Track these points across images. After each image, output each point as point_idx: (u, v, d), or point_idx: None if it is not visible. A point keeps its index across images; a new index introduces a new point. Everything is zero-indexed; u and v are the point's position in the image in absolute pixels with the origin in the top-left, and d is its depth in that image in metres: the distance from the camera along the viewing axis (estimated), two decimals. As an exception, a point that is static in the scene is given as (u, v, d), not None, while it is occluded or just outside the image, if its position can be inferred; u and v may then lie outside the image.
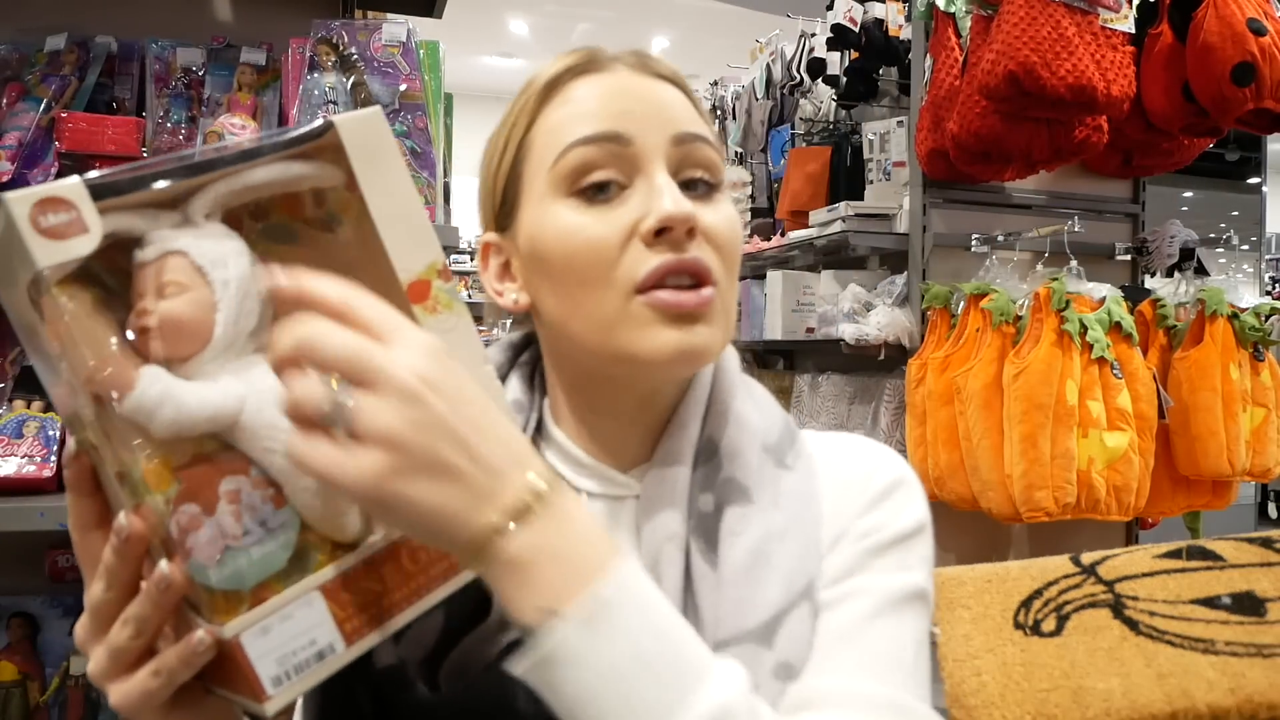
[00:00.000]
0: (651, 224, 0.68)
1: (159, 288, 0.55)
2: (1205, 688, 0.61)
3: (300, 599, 0.55)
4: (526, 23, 8.32)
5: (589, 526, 0.56)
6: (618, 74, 0.74)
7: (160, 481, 0.54)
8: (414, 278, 0.59)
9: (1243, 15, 2.07)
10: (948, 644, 0.70)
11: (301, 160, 0.59)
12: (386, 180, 0.60)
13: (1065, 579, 0.72)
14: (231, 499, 0.55)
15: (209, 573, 0.54)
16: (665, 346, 0.68)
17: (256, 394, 0.56)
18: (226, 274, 0.56)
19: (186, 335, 0.56)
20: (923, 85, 2.40)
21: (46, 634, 1.52)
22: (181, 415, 0.54)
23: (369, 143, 0.60)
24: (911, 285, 2.47)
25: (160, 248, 0.56)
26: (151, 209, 0.57)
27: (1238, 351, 2.26)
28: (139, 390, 0.53)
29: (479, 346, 0.61)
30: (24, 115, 1.48)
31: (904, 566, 0.72)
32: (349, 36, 1.58)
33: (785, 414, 0.81)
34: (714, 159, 0.74)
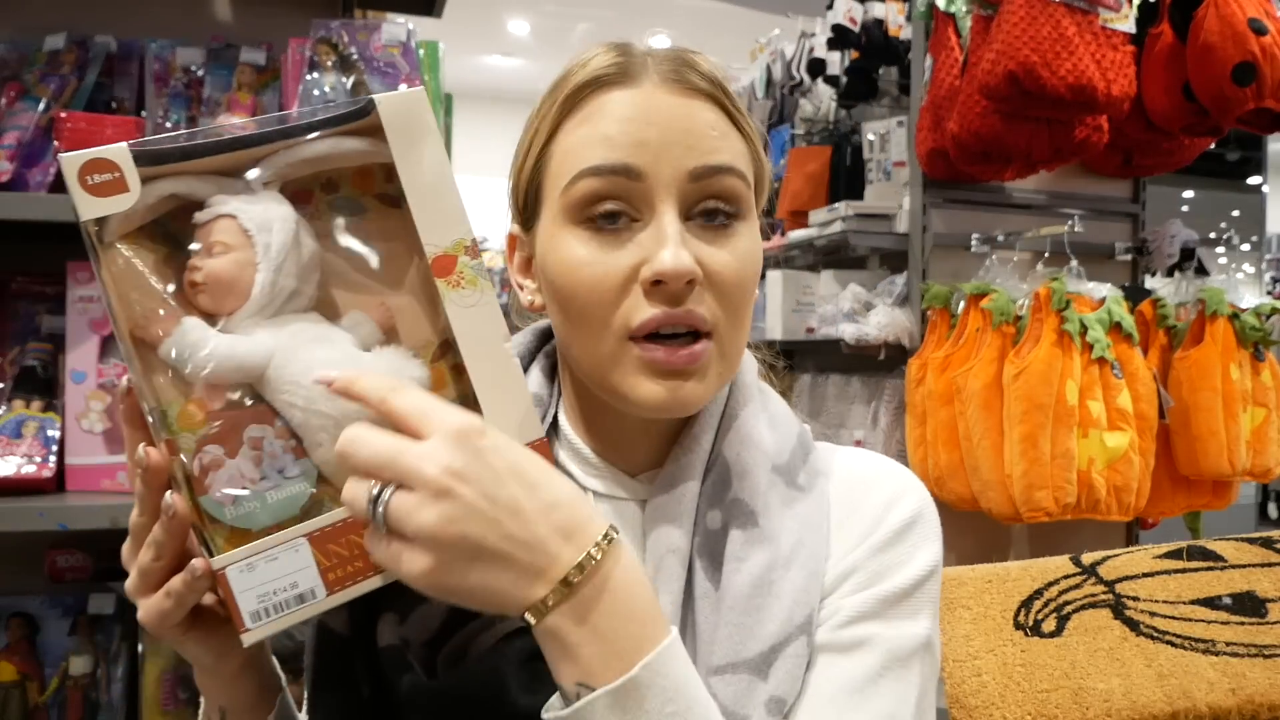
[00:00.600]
0: (648, 275, 0.67)
1: (209, 247, 0.62)
2: (1206, 688, 0.61)
3: (287, 543, 0.59)
4: (526, 23, 8.32)
5: (634, 597, 0.58)
6: (645, 91, 0.71)
7: (192, 422, 0.61)
8: (440, 252, 0.63)
9: (1244, 15, 2.07)
10: (948, 644, 0.70)
11: (354, 136, 0.64)
12: (422, 158, 0.63)
13: (1065, 579, 0.72)
14: (254, 445, 0.61)
15: (224, 510, 0.60)
16: (650, 398, 0.69)
17: (285, 350, 0.62)
18: (270, 238, 0.62)
19: (228, 291, 0.62)
20: (923, 85, 2.40)
21: (46, 634, 1.52)
22: (213, 362, 0.60)
23: (408, 122, 0.63)
24: (911, 285, 2.47)
25: (214, 211, 0.62)
26: (216, 176, 0.63)
27: (1238, 351, 2.26)
28: (175, 336, 0.60)
29: (500, 324, 0.64)
30: (23, 115, 1.47)
31: (914, 614, 0.71)
32: (349, 36, 1.57)
33: (801, 426, 0.80)
34: (736, 189, 0.71)
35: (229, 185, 0.63)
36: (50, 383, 1.42)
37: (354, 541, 0.60)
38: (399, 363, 0.64)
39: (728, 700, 0.65)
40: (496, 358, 0.63)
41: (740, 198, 0.72)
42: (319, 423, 0.61)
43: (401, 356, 0.64)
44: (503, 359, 0.64)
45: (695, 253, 0.68)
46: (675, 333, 0.68)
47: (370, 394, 0.58)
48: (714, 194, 0.70)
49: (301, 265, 0.63)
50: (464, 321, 0.63)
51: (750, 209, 0.74)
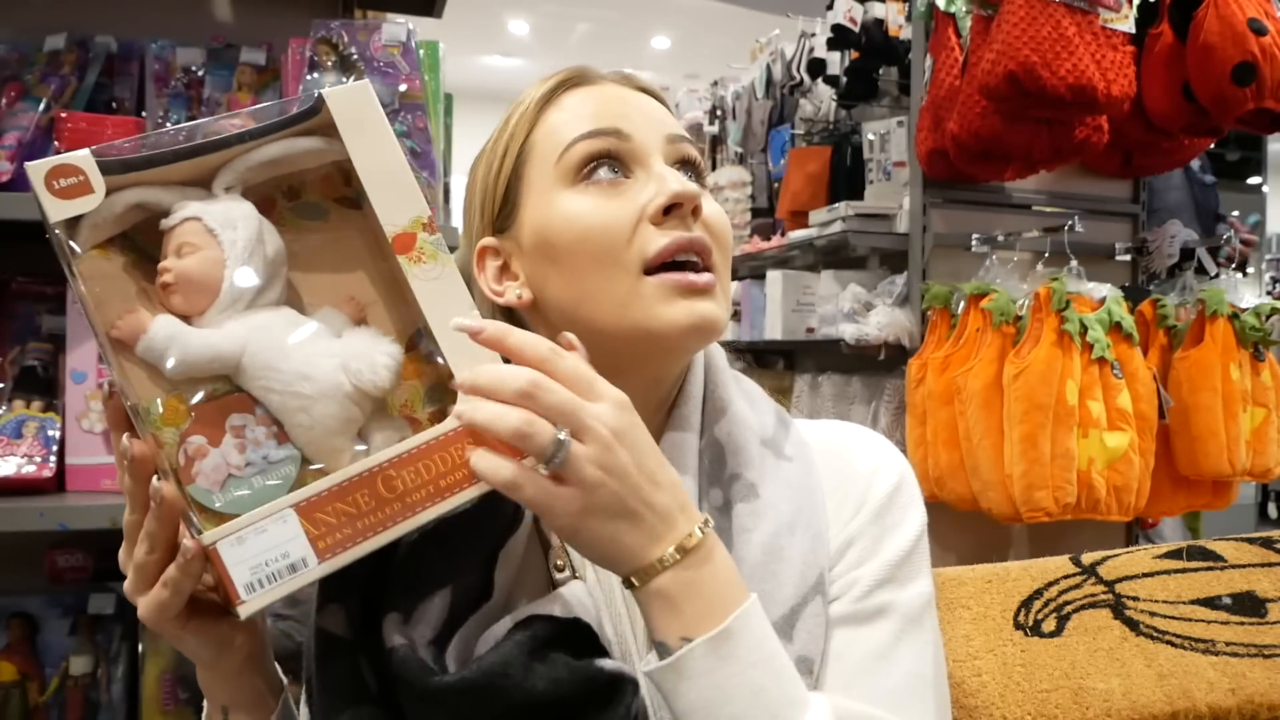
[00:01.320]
0: (661, 201, 0.72)
1: (177, 248, 0.64)
2: (1206, 688, 0.61)
3: (275, 515, 0.61)
4: (527, 23, 8.32)
5: (725, 566, 0.65)
6: (605, 86, 0.79)
7: (174, 416, 0.62)
8: (399, 230, 0.65)
9: (1243, 15, 2.07)
10: (948, 644, 0.70)
11: (309, 135, 0.67)
12: (373, 145, 0.66)
13: (1065, 579, 0.72)
14: (237, 433, 0.63)
15: (213, 497, 0.61)
16: (679, 318, 0.72)
17: (258, 338, 0.64)
18: (235, 235, 0.64)
19: (198, 289, 0.64)
20: (923, 85, 2.40)
21: (46, 634, 1.52)
22: (188, 355, 0.62)
23: (357, 112, 0.65)
24: (911, 285, 2.47)
25: (179, 215, 0.64)
26: (179, 185, 0.65)
27: (1238, 351, 2.26)
28: (150, 334, 0.62)
29: (464, 293, 0.66)
30: (23, 115, 1.47)
31: (917, 573, 0.77)
32: (349, 36, 1.57)
33: (775, 404, 0.85)
34: (700, 160, 0.80)
35: (191, 194, 0.65)
36: (50, 383, 1.42)
37: (340, 509, 0.61)
38: (372, 341, 0.66)
39: None
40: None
41: (703, 170, 0.80)
42: (296, 404, 0.63)
43: (374, 335, 0.67)
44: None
45: None
46: (687, 260, 0.73)
47: (528, 351, 0.62)
48: (687, 157, 0.78)
49: (268, 260, 0.65)
50: (429, 294, 0.65)
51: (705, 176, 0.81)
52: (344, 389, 0.63)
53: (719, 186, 3.71)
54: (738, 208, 3.62)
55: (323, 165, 0.69)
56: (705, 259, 0.74)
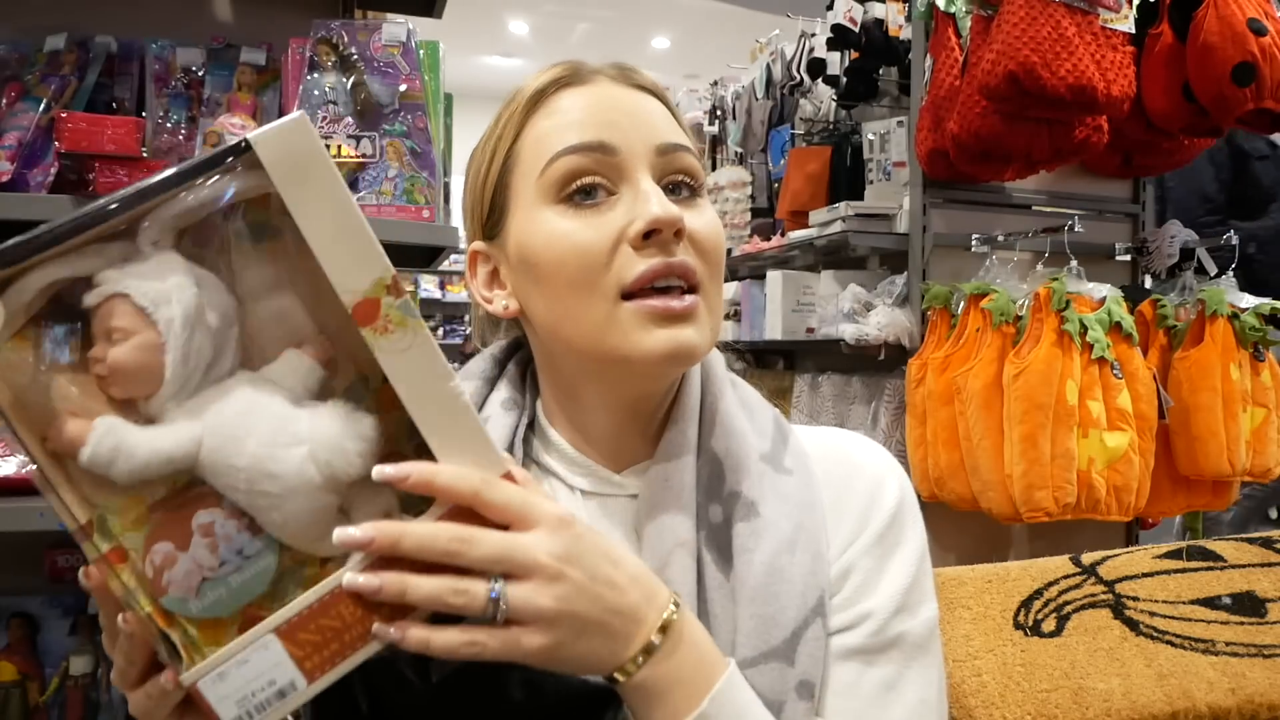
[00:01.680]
0: (640, 226, 0.69)
1: (107, 333, 0.56)
2: (1206, 688, 0.61)
3: (255, 643, 0.56)
4: (526, 23, 8.32)
5: (698, 643, 0.65)
6: (600, 85, 0.76)
7: (135, 522, 0.56)
8: (359, 298, 0.56)
9: (1243, 15, 2.07)
10: (948, 644, 0.70)
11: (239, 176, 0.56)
12: (318, 195, 0.56)
13: (1065, 579, 0.72)
14: (205, 532, 0.57)
15: (188, 604, 0.56)
16: (655, 347, 0.70)
17: (213, 432, 0.56)
18: (171, 312, 0.55)
19: (138, 380, 0.56)
20: (923, 85, 2.40)
21: (46, 634, 1.52)
22: (136, 463, 0.55)
23: (293, 157, 0.55)
24: (911, 285, 2.46)
25: (103, 292, 0.56)
26: (97, 244, 0.56)
27: (1238, 352, 2.26)
28: (91, 446, 0.55)
29: (440, 362, 0.59)
30: (23, 115, 1.47)
31: (926, 595, 0.76)
32: (349, 36, 1.57)
33: (774, 412, 0.82)
34: (695, 166, 0.76)
35: (112, 252, 0.56)
36: (50, 383, 1.42)
37: (324, 626, 0.57)
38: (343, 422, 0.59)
39: (764, 689, 0.68)
40: (442, 399, 0.58)
41: (699, 174, 0.76)
42: (265, 503, 0.57)
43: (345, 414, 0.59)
44: (449, 399, 0.59)
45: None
46: (668, 284, 0.70)
47: (460, 490, 0.59)
48: (678, 168, 0.74)
49: (213, 331, 0.57)
50: (400, 368, 0.57)
51: (705, 190, 0.77)
52: (313, 482, 0.57)
53: (719, 186, 3.71)
54: (738, 208, 3.62)
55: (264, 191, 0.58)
56: (689, 280, 0.71)
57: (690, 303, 0.70)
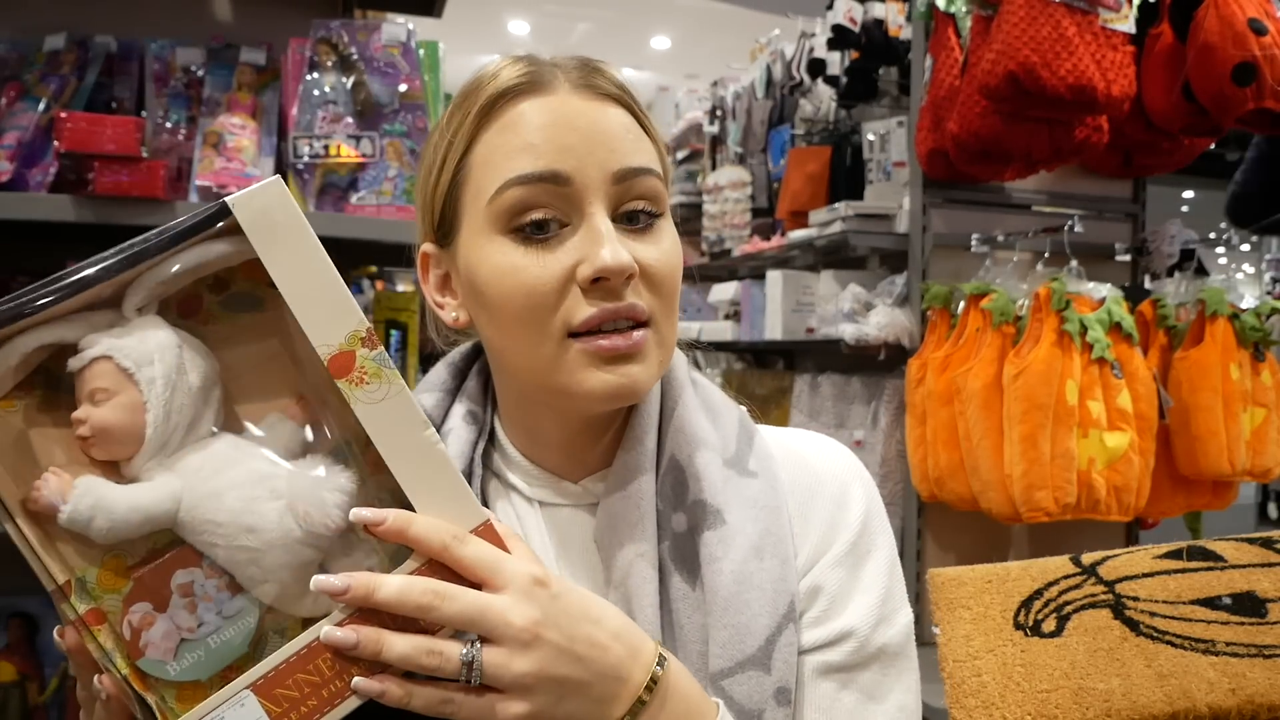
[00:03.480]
0: (588, 273, 0.68)
1: (90, 395, 0.57)
2: (1206, 688, 0.61)
3: (231, 700, 0.56)
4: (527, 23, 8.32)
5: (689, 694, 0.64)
6: (560, 96, 0.71)
7: (114, 583, 0.57)
8: (335, 351, 0.58)
9: (1243, 15, 2.07)
10: (948, 644, 0.70)
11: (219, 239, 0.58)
12: (293, 253, 0.58)
13: (1065, 579, 0.72)
14: (184, 592, 0.57)
15: (166, 667, 0.56)
16: (598, 387, 0.69)
17: (193, 489, 0.57)
18: (153, 372, 0.57)
19: (119, 439, 0.57)
20: (923, 85, 2.39)
21: (46, 634, 1.52)
22: (116, 521, 0.56)
23: (270, 218, 0.58)
24: (911, 285, 2.46)
25: (87, 355, 0.57)
26: (84, 312, 0.58)
27: (1238, 351, 2.26)
28: (71, 504, 0.56)
29: (415, 412, 0.59)
30: (23, 115, 1.47)
31: (899, 606, 0.76)
32: (349, 36, 1.57)
33: (740, 411, 0.82)
34: (656, 189, 0.73)
35: (98, 320, 0.58)
36: (50, 383, 1.42)
37: (302, 680, 0.56)
38: (321, 475, 0.60)
39: (743, 699, 0.68)
40: (419, 449, 0.59)
41: (660, 197, 0.73)
42: (245, 557, 0.57)
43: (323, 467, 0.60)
44: (425, 449, 0.59)
45: (627, 249, 0.69)
46: (615, 327, 0.69)
47: (431, 542, 0.58)
48: (637, 195, 0.72)
49: (194, 391, 0.58)
50: (376, 419, 0.58)
51: (666, 207, 0.75)
52: (293, 535, 0.57)
53: (719, 186, 3.71)
54: (738, 208, 3.62)
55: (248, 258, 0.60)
56: (637, 319, 0.70)
57: (637, 339, 0.69)
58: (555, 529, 0.77)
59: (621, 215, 0.71)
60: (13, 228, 1.38)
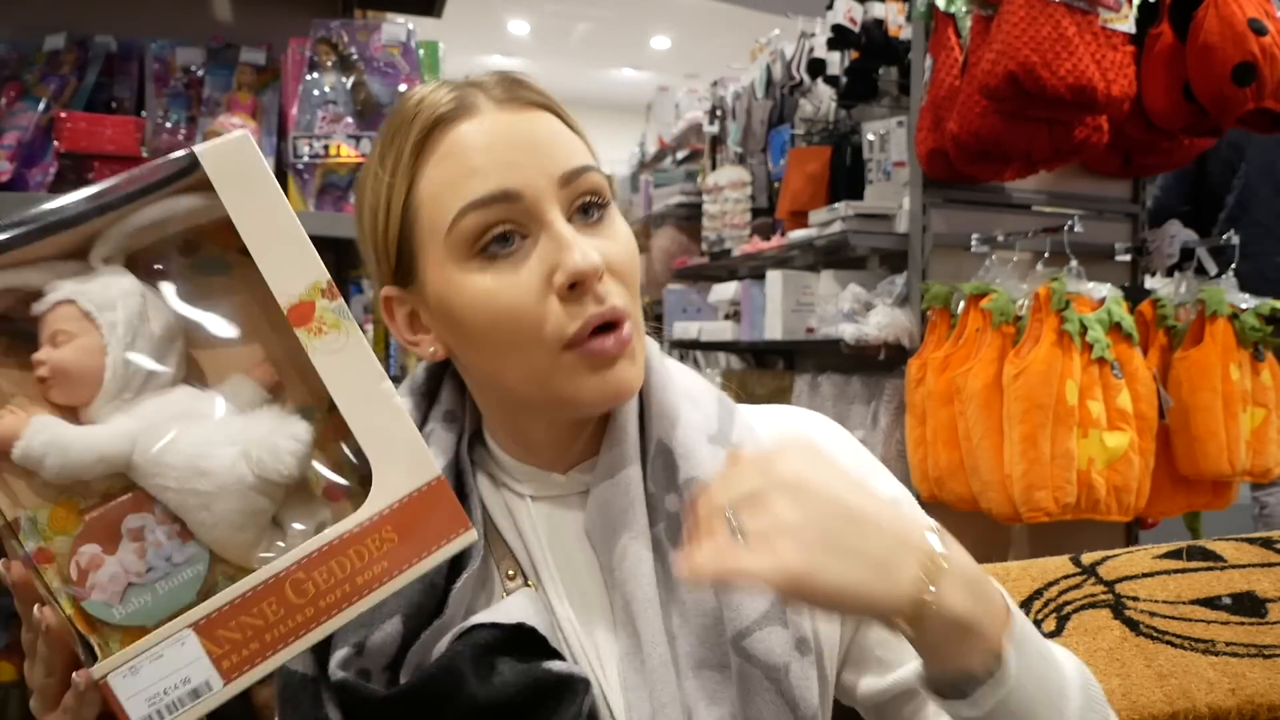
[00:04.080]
0: (563, 280, 0.69)
1: (51, 336, 0.57)
2: (1205, 688, 0.61)
3: (171, 638, 0.55)
4: (526, 23, 8.32)
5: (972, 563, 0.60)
6: (489, 115, 0.72)
7: (64, 524, 0.56)
8: (295, 301, 0.59)
9: (1244, 15, 2.07)
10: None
11: (187, 194, 0.59)
12: (259, 205, 0.59)
13: (1065, 579, 0.72)
14: (135, 536, 0.57)
15: (112, 610, 0.56)
16: (599, 392, 0.71)
17: (148, 431, 0.57)
18: (114, 316, 0.57)
19: (78, 381, 0.57)
20: (923, 85, 2.39)
21: (46, 634, 1.52)
22: (69, 460, 0.56)
23: (237, 170, 0.59)
24: (911, 285, 2.46)
25: (51, 299, 0.58)
26: (50, 260, 0.58)
27: (1238, 352, 2.26)
28: (24, 440, 0.55)
29: (373, 364, 0.60)
30: (23, 115, 1.47)
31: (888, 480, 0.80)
32: (349, 36, 1.58)
33: (717, 393, 0.83)
34: (600, 183, 0.74)
35: (65, 269, 0.59)
36: (50, 383, 1.42)
37: (245, 623, 0.56)
38: (277, 422, 0.60)
39: (765, 655, 0.68)
40: (374, 400, 0.60)
41: (604, 189, 0.74)
42: (196, 501, 0.57)
43: (279, 415, 0.60)
44: (381, 400, 0.60)
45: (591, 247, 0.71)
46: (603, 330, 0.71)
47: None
48: (584, 190, 0.73)
49: (155, 340, 0.59)
50: (333, 369, 0.59)
51: (611, 197, 0.76)
52: (245, 481, 0.57)
53: (719, 186, 3.71)
54: (738, 208, 3.62)
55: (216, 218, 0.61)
56: (621, 319, 0.71)
57: (625, 336, 0.71)
58: (548, 521, 0.79)
59: (576, 210, 0.73)
60: (13, 228, 1.38)
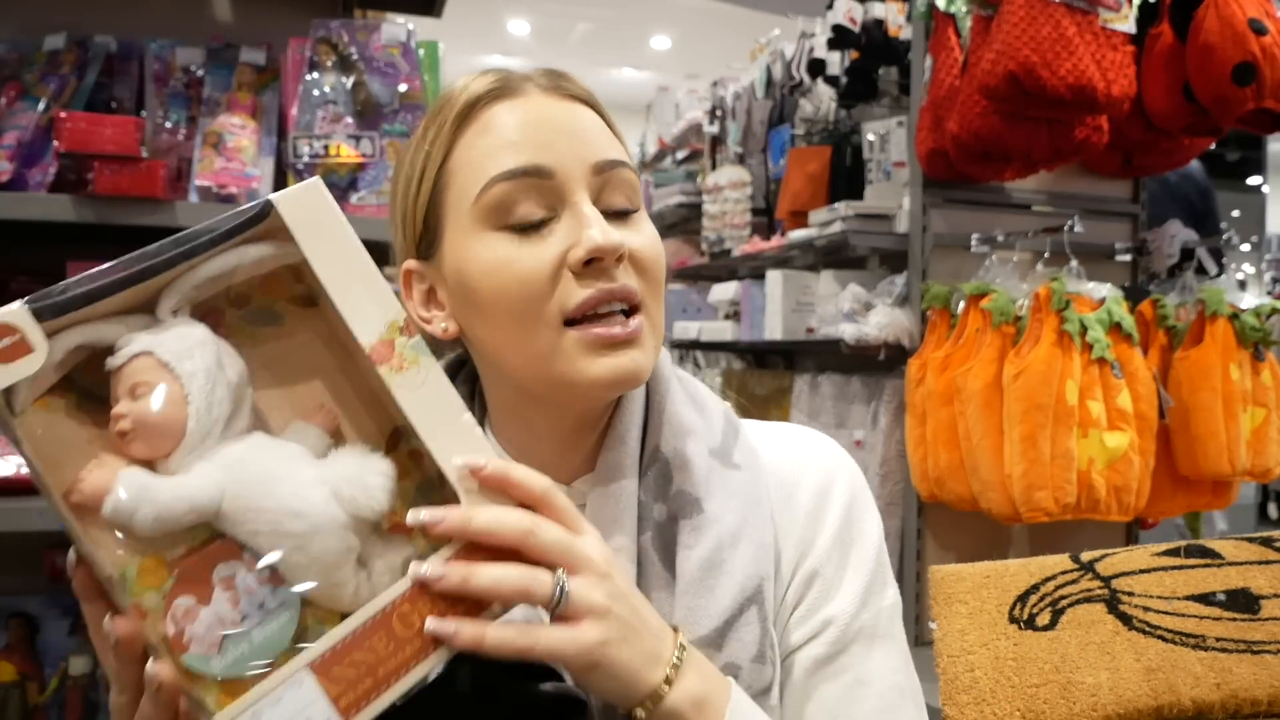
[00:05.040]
0: (580, 254, 0.69)
1: (130, 389, 0.57)
2: (1191, 682, 0.61)
3: (289, 680, 0.55)
4: (526, 23, 8.32)
5: (706, 663, 0.66)
6: (532, 98, 0.73)
7: (155, 578, 0.56)
8: (375, 340, 0.60)
9: (1244, 15, 2.07)
10: (943, 639, 0.70)
11: (257, 242, 0.60)
12: (334, 248, 0.60)
13: (1063, 574, 0.72)
14: (226, 585, 0.56)
15: (210, 663, 0.55)
16: (601, 374, 0.70)
17: (236, 478, 0.57)
18: (193, 365, 0.57)
19: (160, 432, 0.57)
20: (923, 85, 2.40)
21: (45, 634, 1.52)
22: (161, 512, 0.55)
23: (311, 215, 0.60)
24: (911, 285, 2.47)
25: (127, 352, 0.58)
26: (119, 315, 0.59)
27: (1238, 352, 2.26)
28: (115, 495, 0.55)
29: (453, 395, 0.61)
30: (23, 115, 1.48)
31: (884, 583, 0.78)
32: (349, 36, 1.58)
33: (724, 406, 0.83)
34: (632, 181, 0.74)
35: (135, 323, 0.59)
36: (50, 382, 1.42)
37: (358, 660, 0.56)
38: (361, 461, 0.60)
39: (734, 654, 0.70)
40: (459, 431, 0.61)
41: (637, 191, 0.75)
42: (290, 544, 0.57)
43: (362, 454, 0.61)
44: (465, 431, 0.61)
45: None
46: (610, 309, 0.71)
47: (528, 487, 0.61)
48: (616, 186, 0.73)
49: (231, 386, 0.59)
50: (417, 404, 0.60)
51: (642, 203, 0.76)
52: (339, 519, 0.58)
53: (719, 186, 3.71)
54: (738, 208, 3.62)
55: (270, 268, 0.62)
56: (630, 301, 0.71)
57: (634, 327, 0.71)
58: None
59: (605, 204, 0.73)
60: (13, 228, 1.39)
